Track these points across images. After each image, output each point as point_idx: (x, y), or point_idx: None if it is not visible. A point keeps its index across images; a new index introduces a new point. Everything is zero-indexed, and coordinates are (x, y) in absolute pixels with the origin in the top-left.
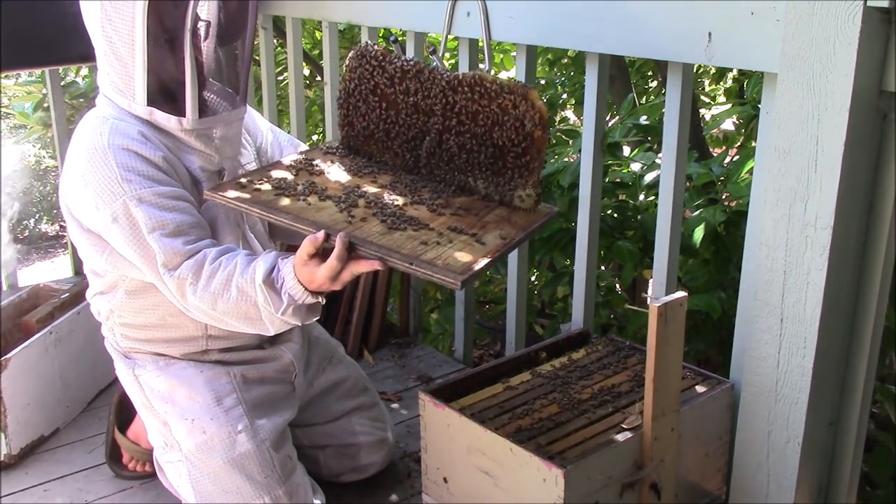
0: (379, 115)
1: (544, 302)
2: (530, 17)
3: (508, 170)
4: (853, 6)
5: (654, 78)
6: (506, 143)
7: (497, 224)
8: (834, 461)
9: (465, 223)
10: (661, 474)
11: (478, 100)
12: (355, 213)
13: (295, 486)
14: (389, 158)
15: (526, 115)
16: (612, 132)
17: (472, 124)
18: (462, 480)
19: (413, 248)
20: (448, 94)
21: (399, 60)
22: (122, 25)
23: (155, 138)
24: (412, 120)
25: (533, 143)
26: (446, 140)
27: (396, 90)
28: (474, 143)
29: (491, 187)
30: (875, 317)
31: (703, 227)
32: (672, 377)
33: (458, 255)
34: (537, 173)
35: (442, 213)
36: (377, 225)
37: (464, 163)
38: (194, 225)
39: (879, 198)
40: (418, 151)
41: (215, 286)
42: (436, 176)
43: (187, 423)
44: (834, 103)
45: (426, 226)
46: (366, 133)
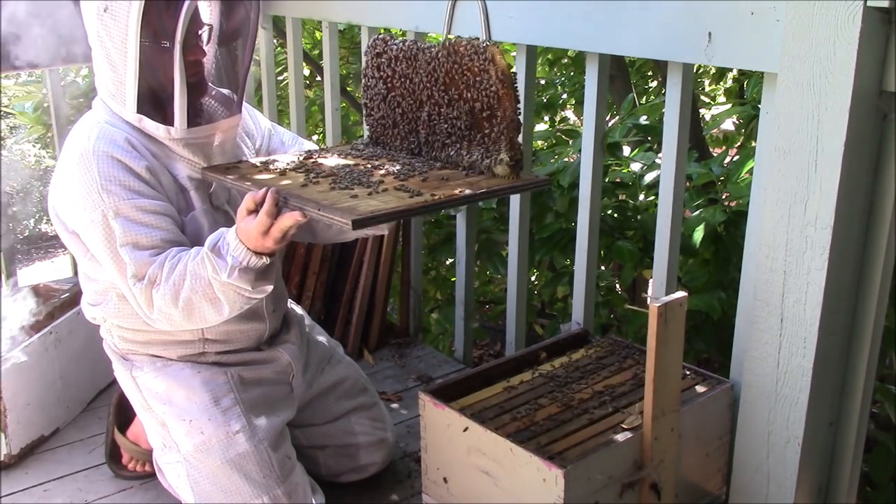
0: (388, 103)
1: (544, 302)
2: (530, 17)
3: (484, 135)
4: (853, 6)
5: (654, 78)
6: (476, 107)
7: (454, 185)
8: (834, 461)
9: (419, 186)
10: (661, 474)
11: (452, 66)
12: (318, 180)
13: (294, 486)
14: (401, 144)
15: (488, 71)
16: (612, 132)
17: (450, 92)
18: (462, 480)
19: (336, 199)
20: (432, 66)
21: (394, 44)
22: (117, 32)
23: (142, 146)
24: (412, 101)
25: (499, 102)
26: (435, 114)
27: (397, 74)
28: (454, 112)
29: (473, 156)
30: (875, 317)
31: (703, 227)
32: (672, 377)
33: (372, 203)
34: (508, 135)
35: (405, 181)
36: (326, 186)
37: (450, 134)
38: (169, 240)
39: (879, 198)
40: (418, 132)
41: (174, 278)
42: (434, 155)
43: (185, 424)
44: (834, 103)
45: (377, 187)
46: (383, 123)
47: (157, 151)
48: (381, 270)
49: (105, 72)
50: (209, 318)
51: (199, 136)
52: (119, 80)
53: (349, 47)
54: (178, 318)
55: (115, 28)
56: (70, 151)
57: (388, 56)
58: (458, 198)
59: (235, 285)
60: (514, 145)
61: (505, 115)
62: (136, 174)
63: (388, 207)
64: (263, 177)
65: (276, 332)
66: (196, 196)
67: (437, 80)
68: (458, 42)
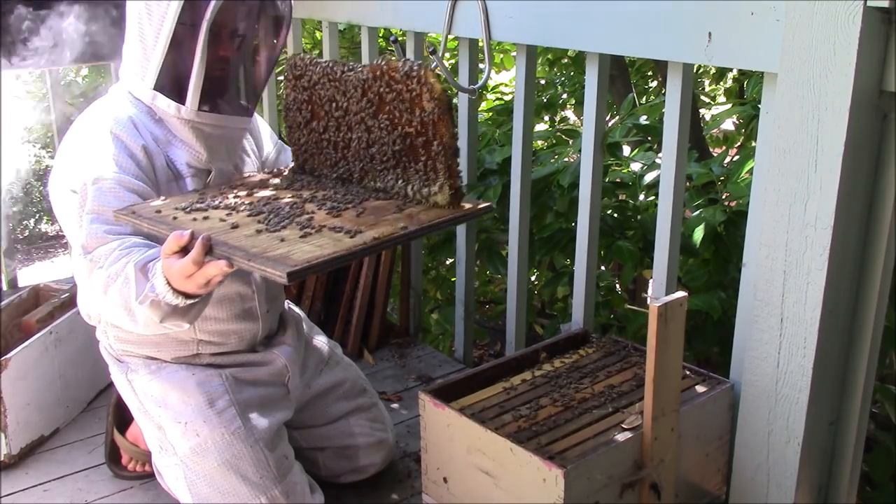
0: (313, 129)
1: (544, 302)
2: (530, 17)
3: (421, 162)
4: (853, 6)
5: (654, 78)
6: (410, 132)
7: (393, 221)
8: (834, 461)
9: (354, 222)
10: (661, 474)
11: (382, 89)
12: (239, 220)
13: (292, 485)
14: (330, 171)
15: (422, 95)
16: (612, 132)
17: (381, 117)
18: (462, 480)
19: (266, 246)
20: (360, 90)
21: (316, 65)
22: (157, 10)
23: (144, 127)
24: (339, 126)
25: (434, 127)
26: (366, 140)
27: (321, 98)
28: (387, 138)
29: (411, 185)
30: (875, 317)
31: (703, 227)
32: (672, 377)
33: (306, 249)
34: (446, 162)
35: (338, 216)
36: (253, 228)
37: (383, 162)
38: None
39: (879, 198)
40: (347, 159)
41: (113, 270)
42: (366, 183)
43: (181, 427)
44: (834, 103)
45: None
46: (309, 150)
47: (159, 135)
48: (381, 270)
49: (134, 49)
50: (125, 325)
51: (206, 122)
52: (146, 56)
53: (349, 47)
54: (104, 309)
55: (157, 10)
56: (79, 125)
57: (311, 78)
58: (398, 236)
59: (149, 315)
60: (453, 172)
61: (441, 142)
62: (129, 151)
63: (325, 254)
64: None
65: (272, 332)
66: (192, 183)
67: (366, 105)
68: (389, 64)
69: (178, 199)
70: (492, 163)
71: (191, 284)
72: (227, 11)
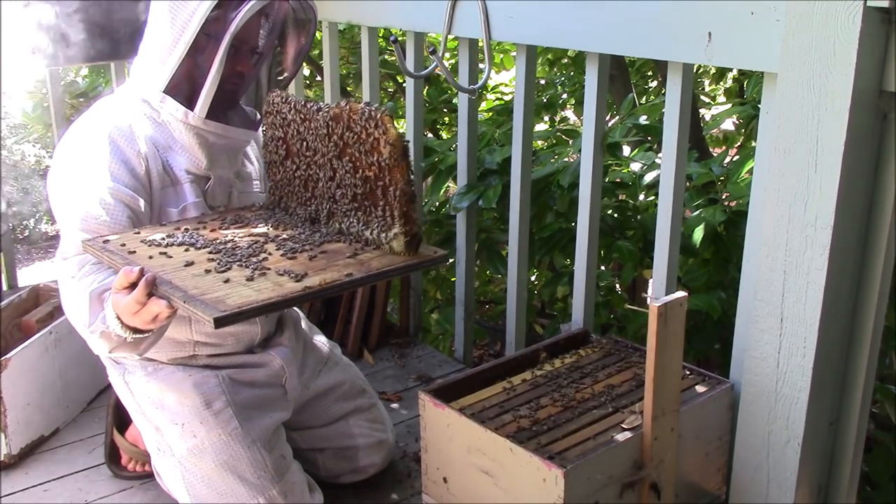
0: (286, 166)
1: (544, 302)
2: (530, 17)
3: (379, 207)
4: (853, 6)
5: (654, 78)
6: (369, 176)
7: (342, 267)
8: (834, 461)
9: (304, 266)
10: (661, 474)
11: (345, 131)
12: (195, 258)
13: (290, 485)
14: (299, 210)
15: (379, 140)
16: (612, 132)
17: (344, 159)
18: (462, 480)
19: (207, 288)
20: (326, 130)
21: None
22: (182, 14)
23: (144, 134)
24: (308, 166)
25: (389, 173)
26: (330, 181)
27: (294, 136)
28: (349, 181)
29: (368, 229)
30: (875, 317)
31: (703, 227)
32: (672, 377)
33: (244, 294)
34: (401, 208)
35: (292, 258)
36: (201, 268)
37: (347, 206)
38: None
39: (879, 198)
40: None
41: (81, 284)
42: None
43: (178, 428)
44: (834, 103)
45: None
46: (282, 187)
47: (160, 141)
48: None
49: (151, 49)
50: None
51: (211, 130)
52: (161, 59)
53: (349, 47)
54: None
55: (182, 11)
56: (80, 124)
57: (285, 116)
58: (341, 283)
59: (96, 343)
60: (409, 219)
61: (397, 188)
62: (124, 158)
63: (260, 299)
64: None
65: (270, 334)
66: (190, 189)
67: (332, 146)
68: (351, 106)
69: (151, 230)
70: (492, 163)
71: (137, 320)
72: (250, 28)
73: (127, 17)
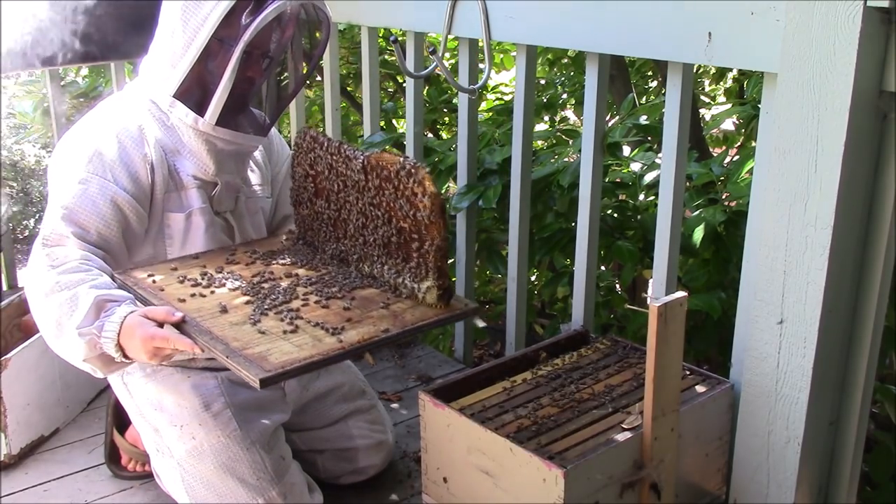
0: (315, 204)
1: (544, 302)
2: (530, 17)
3: (413, 259)
4: (853, 6)
5: (654, 78)
6: (404, 227)
7: (378, 320)
8: (834, 461)
9: (338, 318)
10: (661, 474)
11: (382, 181)
12: (228, 302)
13: (289, 486)
14: (326, 248)
15: (417, 195)
16: (612, 132)
17: (378, 209)
18: (462, 480)
19: (247, 340)
20: (360, 176)
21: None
22: (195, 19)
23: (153, 136)
24: (339, 208)
25: (427, 229)
26: (363, 227)
27: (325, 177)
28: (383, 230)
29: (400, 279)
30: (875, 317)
31: (703, 227)
32: (672, 377)
33: (286, 350)
34: (436, 263)
35: (326, 306)
36: (241, 314)
37: (378, 252)
38: (103, 232)
39: (879, 198)
40: (344, 240)
41: (64, 278)
42: (360, 267)
43: (177, 430)
44: (834, 103)
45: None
46: (310, 224)
47: (167, 145)
48: None
49: (162, 52)
50: (44, 332)
51: (219, 137)
52: (172, 63)
53: (349, 47)
54: (35, 308)
55: (195, 15)
56: (84, 119)
57: (316, 154)
58: (378, 340)
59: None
60: (442, 273)
61: (433, 243)
62: (128, 160)
63: (301, 357)
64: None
65: None
66: (196, 194)
67: (365, 193)
68: (388, 159)
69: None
70: (492, 163)
71: (140, 355)
72: (263, 33)
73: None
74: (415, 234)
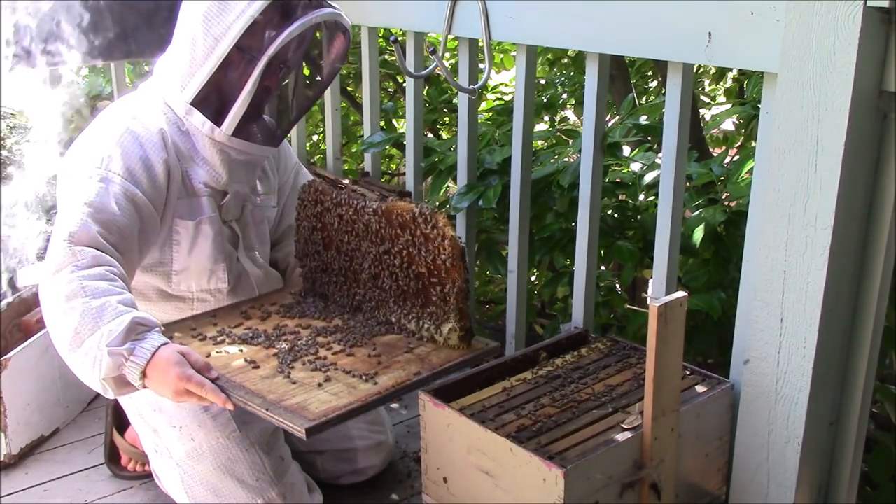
0: (326, 256)
1: (544, 302)
2: (530, 17)
3: (432, 303)
4: (853, 6)
5: (654, 78)
6: (422, 272)
7: (405, 364)
8: (834, 461)
9: (367, 364)
10: (661, 474)
11: (397, 227)
12: (255, 356)
13: (289, 486)
14: (339, 298)
15: (436, 240)
16: (612, 132)
17: (394, 255)
18: (462, 480)
19: (283, 392)
20: (373, 224)
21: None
22: (217, 27)
23: (171, 142)
24: (351, 257)
25: (447, 273)
26: (378, 274)
27: (335, 228)
28: (400, 276)
29: (419, 323)
30: (875, 317)
31: (703, 227)
32: (672, 377)
33: (323, 398)
34: (457, 306)
35: (351, 354)
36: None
37: (394, 298)
38: (123, 232)
39: (879, 198)
40: (357, 289)
41: (90, 285)
42: (375, 314)
43: (176, 431)
44: (834, 103)
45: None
46: (321, 275)
47: (183, 151)
48: None
49: (181, 57)
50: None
51: (234, 147)
52: (191, 70)
53: (349, 47)
54: (47, 309)
55: (218, 23)
56: (104, 117)
57: (324, 208)
58: (412, 383)
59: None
60: (464, 315)
61: (454, 286)
62: (147, 164)
63: (341, 405)
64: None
65: None
66: (207, 203)
67: (379, 241)
68: (403, 207)
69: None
70: (492, 163)
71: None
72: (286, 47)
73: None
74: (434, 279)
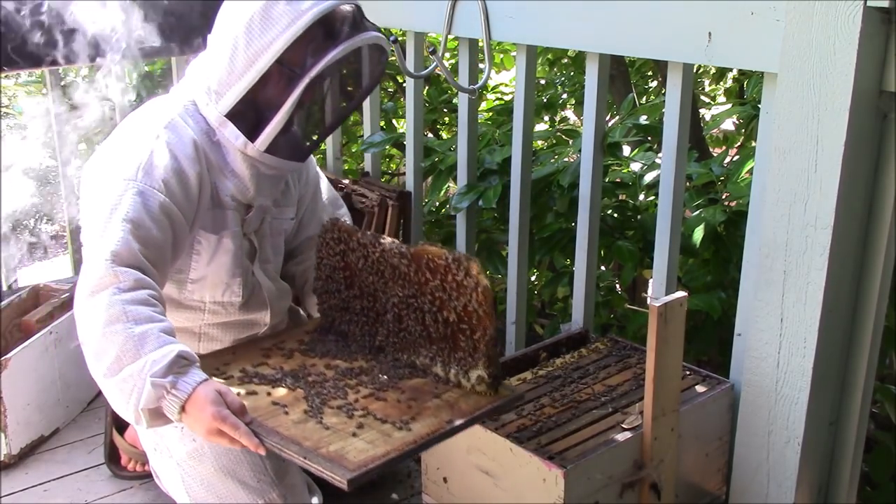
0: (346, 296)
1: (544, 302)
2: (530, 17)
3: (460, 349)
4: (853, 6)
5: (654, 78)
6: (454, 319)
7: (436, 411)
8: (834, 461)
9: (398, 410)
10: (661, 474)
11: (426, 272)
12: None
13: (289, 487)
14: (359, 338)
15: (468, 288)
16: (612, 132)
17: (422, 299)
18: (462, 480)
19: (318, 439)
20: (401, 267)
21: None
22: (259, 41)
23: (203, 153)
24: (374, 298)
25: (478, 320)
26: (403, 317)
27: (358, 269)
28: (427, 320)
29: (446, 368)
30: (875, 317)
31: (703, 227)
32: (672, 377)
33: (359, 447)
34: (487, 353)
35: (381, 398)
36: (299, 412)
37: (419, 341)
38: (160, 247)
39: (879, 198)
40: (381, 330)
41: (133, 310)
42: (398, 356)
43: (177, 431)
44: (834, 103)
45: (352, 413)
46: (340, 315)
47: (213, 163)
48: None
49: (218, 67)
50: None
51: (265, 163)
52: (228, 82)
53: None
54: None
55: (260, 37)
56: (136, 124)
57: (348, 248)
58: (444, 432)
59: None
60: (493, 361)
61: (485, 333)
62: (181, 177)
63: (378, 454)
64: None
65: None
66: (231, 217)
67: (405, 284)
68: (435, 252)
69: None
70: (492, 163)
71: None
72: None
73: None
74: (464, 325)
